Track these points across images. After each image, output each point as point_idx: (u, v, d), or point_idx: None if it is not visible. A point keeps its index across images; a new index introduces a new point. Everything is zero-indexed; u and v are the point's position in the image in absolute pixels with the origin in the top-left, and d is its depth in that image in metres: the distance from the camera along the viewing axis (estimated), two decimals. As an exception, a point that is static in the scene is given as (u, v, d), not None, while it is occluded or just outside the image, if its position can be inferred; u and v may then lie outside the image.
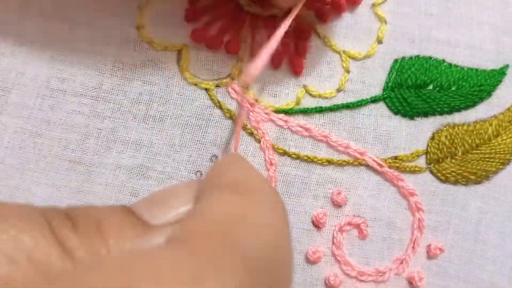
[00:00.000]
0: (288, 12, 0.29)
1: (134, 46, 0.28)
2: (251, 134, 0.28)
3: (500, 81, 0.30)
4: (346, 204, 0.28)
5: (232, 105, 0.29)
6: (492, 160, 0.29)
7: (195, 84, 0.29)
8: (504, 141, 0.30)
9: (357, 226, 0.28)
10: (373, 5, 0.30)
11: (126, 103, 0.28)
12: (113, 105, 0.28)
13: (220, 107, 0.28)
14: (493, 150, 0.29)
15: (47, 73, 0.28)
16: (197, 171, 0.28)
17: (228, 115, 0.28)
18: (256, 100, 0.29)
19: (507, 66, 0.30)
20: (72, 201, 0.27)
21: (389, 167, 0.29)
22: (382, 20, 0.30)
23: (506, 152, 0.30)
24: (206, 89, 0.29)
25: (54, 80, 0.28)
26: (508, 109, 0.30)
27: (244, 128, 0.28)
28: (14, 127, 0.28)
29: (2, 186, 0.27)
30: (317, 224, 0.28)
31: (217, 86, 0.29)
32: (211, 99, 0.28)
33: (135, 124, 0.28)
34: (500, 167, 0.30)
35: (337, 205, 0.28)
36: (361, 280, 0.28)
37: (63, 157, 0.28)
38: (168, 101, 0.28)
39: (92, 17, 0.28)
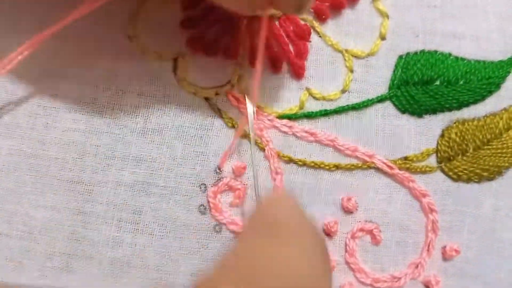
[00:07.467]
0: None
1: (128, 57, 0.27)
2: (254, 142, 0.27)
3: (509, 72, 0.29)
4: (357, 209, 0.27)
5: (233, 113, 0.27)
6: (504, 155, 0.28)
7: (194, 93, 0.27)
8: (515, 135, 0.29)
9: (370, 232, 0.27)
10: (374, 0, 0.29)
11: (122, 117, 0.27)
12: (110, 119, 0.27)
13: (221, 116, 0.27)
14: (504, 145, 0.28)
15: (39, 91, 0.27)
16: (201, 184, 0.27)
17: (230, 124, 0.27)
18: (258, 107, 0.27)
19: (515, 56, 0.29)
20: (73, 223, 0.26)
21: (399, 169, 0.27)
22: (384, 15, 0.29)
23: (519, 145, 0.29)
24: (205, 98, 0.27)
25: (46, 97, 0.27)
26: (518, 101, 0.29)
27: (247, 136, 0.27)
28: (7, 149, 0.26)
29: None
30: (328, 233, 0.27)
31: (216, 94, 0.27)
32: (211, 108, 0.27)
33: (134, 138, 0.27)
34: (513, 161, 0.29)
35: (348, 211, 0.27)
36: (377, 287, 0.27)
37: (61, 177, 0.26)
38: (166, 112, 0.27)
39: (82, 30, 0.27)
